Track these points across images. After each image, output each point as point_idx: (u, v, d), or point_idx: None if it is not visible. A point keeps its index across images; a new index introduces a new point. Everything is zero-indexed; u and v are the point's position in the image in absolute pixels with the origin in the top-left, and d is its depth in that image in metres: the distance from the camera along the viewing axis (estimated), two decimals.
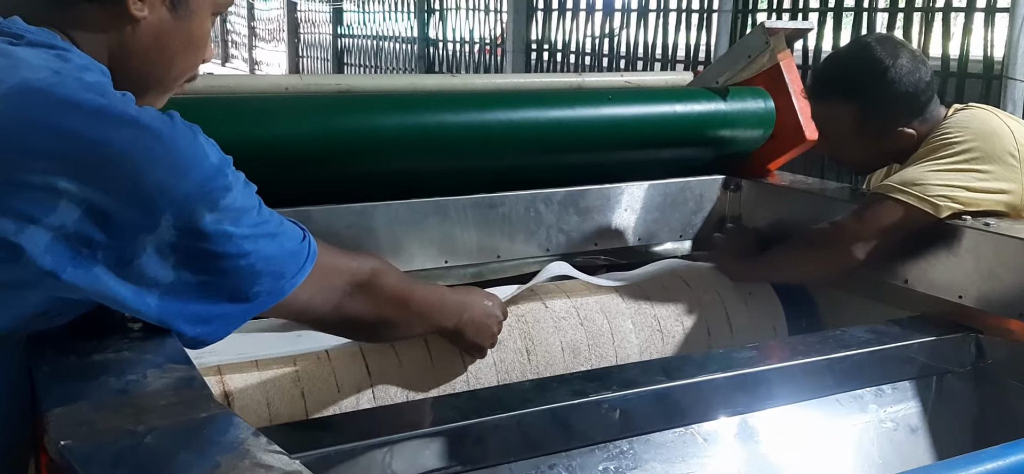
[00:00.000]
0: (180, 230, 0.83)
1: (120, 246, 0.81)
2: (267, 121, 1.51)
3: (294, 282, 0.93)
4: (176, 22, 0.94)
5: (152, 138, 0.82)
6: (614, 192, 1.81)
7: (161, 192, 0.81)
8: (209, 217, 0.84)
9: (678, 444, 1.17)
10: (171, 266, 0.84)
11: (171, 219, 0.82)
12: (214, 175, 0.85)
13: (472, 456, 1.06)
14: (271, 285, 0.91)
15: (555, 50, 4.96)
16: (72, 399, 0.74)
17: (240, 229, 0.87)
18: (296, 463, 0.63)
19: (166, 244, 0.83)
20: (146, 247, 0.82)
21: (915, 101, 1.56)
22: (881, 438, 1.31)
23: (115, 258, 0.81)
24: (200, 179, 0.83)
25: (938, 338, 1.38)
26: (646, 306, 1.57)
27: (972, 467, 0.95)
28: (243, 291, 0.89)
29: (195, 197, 0.83)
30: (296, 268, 0.94)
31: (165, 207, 0.81)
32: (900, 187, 1.45)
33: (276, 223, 0.93)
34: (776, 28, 1.86)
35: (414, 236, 1.63)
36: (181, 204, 0.82)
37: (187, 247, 0.84)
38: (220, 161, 0.86)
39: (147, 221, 0.81)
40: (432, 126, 1.63)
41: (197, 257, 0.85)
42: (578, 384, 1.16)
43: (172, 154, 0.82)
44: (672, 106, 1.84)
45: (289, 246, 0.94)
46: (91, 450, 0.67)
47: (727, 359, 1.26)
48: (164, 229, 0.82)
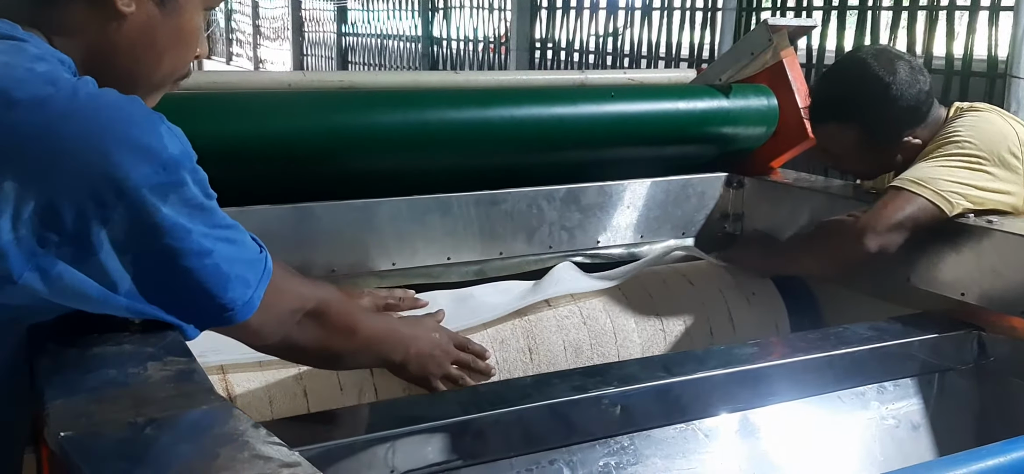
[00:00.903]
0: (133, 222, 0.78)
1: (77, 243, 0.77)
2: (270, 117, 1.51)
3: (258, 294, 0.89)
4: (164, 17, 0.92)
5: (101, 126, 0.78)
6: (616, 189, 1.81)
7: (110, 182, 0.77)
8: (165, 210, 0.80)
9: (679, 440, 1.17)
10: (129, 263, 0.80)
11: (123, 211, 0.77)
12: (170, 166, 0.80)
13: (473, 451, 1.07)
14: (239, 292, 0.87)
15: (559, 49, 4.96)
16: (72, 391, 0.75)
17: (198, 227, 0.83)
18: (295, 454, 0.63)
19: (118, 239, 0.78)
20: (103, 242, 0.78)
21: (917, 112, 1.57)
22: (883, 435, 1.31)
23: (73, 255, 0.78)
24: (153, 169, 0.79)
25: (940, 335, 1.38)
26: (649, 305, 1.57)
27: (973, 463, 0.95)
28: (215, 295, 0.85)
29: (148, 188, 0.78)
30: (257, 277, 0.89)
31: (116, 199, 0.77)
32: (914, 181, 1.45)
33: (235, 230, 0.89)
34: (779, 25, 1.86)
35: (417, 232, 1.63)
36: (133, 195, 0.78)
37: (143, 242, 0.79)
38: (181, 153, 0.82)
39: (98, 214, 0.77)
40: (434, 123, 1.63)
41: (154, 254, 0.81)
42: (578, 380, 1.16)
43: (123, 142, 0.78)
44: (675, 103, 1.84)
45: (249, 255, 0.90)
46: (91, 441, 0.67)
47: (728, 355, 1.26)
48: (117, 222, 0.77)
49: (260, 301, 0.89)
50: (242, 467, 0.62)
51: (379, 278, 1.62)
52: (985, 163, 1.47)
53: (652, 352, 1.53)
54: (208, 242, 0.83)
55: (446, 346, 1.25)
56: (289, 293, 0.99)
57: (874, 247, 1.43)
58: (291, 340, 1.01)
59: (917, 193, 1.44)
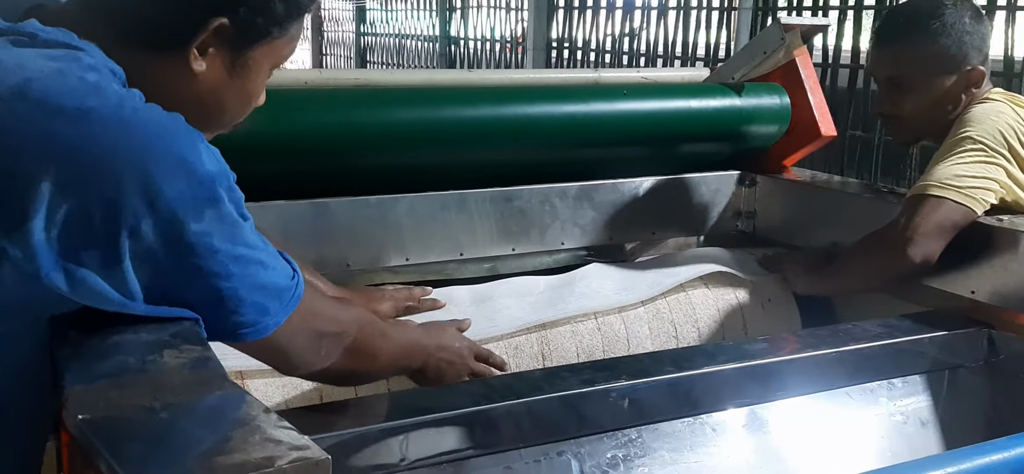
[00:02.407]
0: (162, 237, 0.79)
1: (105, 249, 0.78)
2: (287, 115, 1.53)
3: (277, 320, 0.89)
4: (233, 79, 0.94)
5: (141, 140, 0.79)
6: (629, 187, 1.82)
7: (144, 195, 0.78)
8: (194, 227, 0.80)
9: (686, 433, 1.18)
10: (148, 277, 0.80)
11: (151, 223, 0.78)
12: (205, 183, 0.81)
13: (483, 441, 1.08)
14: (254, 318, 0.87)
15: (575, 48, 4.97)
16: (91, 377, 0.77)
17: (227, 247, 0.83)
18: (304, 438, 0.65)
19: (145, 250, 0.79)
20: (128, 252, 0.78)
21: (983, 38, 1.60)
22: (891, 431, 1.31)
23: (99, 261, 0.78)
24: (187, 186, 0.80)
25: (950, 333, 1.38)
26: (664, 311, 1.57)
27: (978, 457, 0.95)
28: (224, 319, 0.85)
29: (180, 204, 0.79)
30: (281, 306, 0.89)
31: (146, 211, 0.78)
32: (937, 184, 1.44)
33: (268, 254, 0.89)
34: (792, 24, 1.86)
35: (431, 228, 1.65)
36: (164, 209, 0.79)
37: (168, 256, 0.80)
38: (217, 172, 0.83)
39: (128, 224, 0.78)
40: (449, 120, 1.65)
41: (178, 270, 0.81)
42: (588, 373, 1.17)
43: (160, 156, 0.79)
44: (688, 101, 1.85)
45: (278, 281, 0.90)
46: (109, 425, 0.69)
47: (737, 350, 1.27)
48: (145, 234, 0.78)
49: (277, 327, 0.89)
50: (253, 449, 0.64)
51: (393, 273, 1.64)
52: (997, 156, 1.47)
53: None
54: (234, 266, 0.84)
55: (466, 357, 1.26)
56: (320, 316, 1.00)
57: (919, 258, 1.42)
58: (320, 364, 1.01)
59: (944, 197, 1.43)
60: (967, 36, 1.59)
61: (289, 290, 0.91)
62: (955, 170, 1.46)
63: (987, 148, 1.47)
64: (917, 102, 1.61)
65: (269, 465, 0.62)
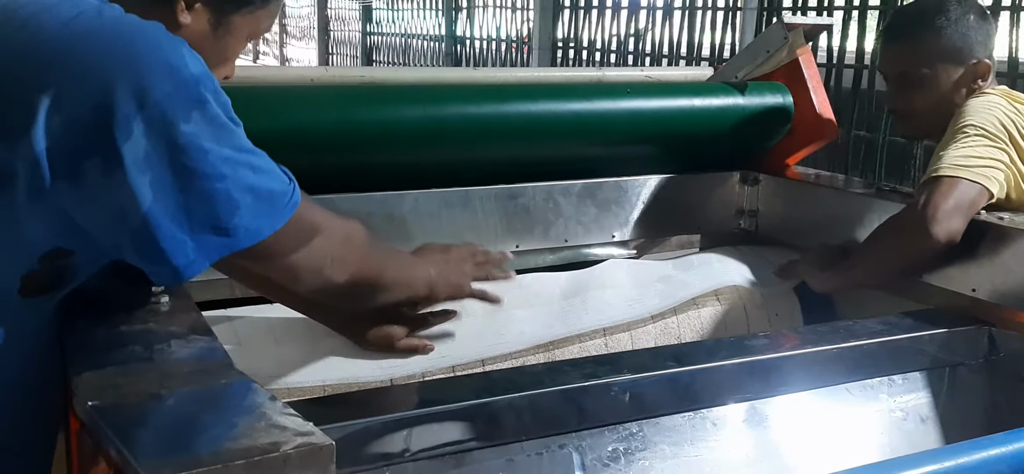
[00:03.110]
0: (154, 140, 0.80)
1: (103, 155, 0.80)
2: (293, 112, 1.55)
3: (274, 223, 0.90)
4: (214, 38, 0.98)
5: (124, 44, 0.81)
6: (632, 185, 1.83)
7: (132, 98, 0.79)
8: (184, 127, 0.81)
9: (687, 428, 1.19)
10: (148, 182, 0.81)
11: (143, 127, 0.80)
12: (191, 83, 0.83)
13: (485, 434, 1.09)
14: (249, 221, 0.87)
15: (581, 48, 4.98)
16: (100, 365, 0.79)
17: (217, 148, 0.84)
18: (309, 424, 0.67)
19: (142, 156, 0.80)
20: (125, 158, 0.80)
21: (987, 44, 1.64)
22: (891, 427, 1.32)
23: (99, 168, 0.80)
24: (174, 86, 0.81)
25: (950, 330, 1.39)
26: (673, 328, 1.56)
27: (975, 452, 0.96)
28: (222, 219, 0.85)
29: (168, 105, 0.81)
30: (277, 209, 0.90)
31: (136, 113, 0.79)
32: (950, 166, 1.45)
33: (261, 159, 0.90)
34: (795, 23, 1.87)
35: (435, 225, 1.66)
36: (153, 111, 0.80)
37: (162, 159, 0.81)
38: (201, 73, 0.84)
39: (122, 128, 0.79)
40: (453, 117, 1.66)
41: (172, 173, 0.82)
42: (590, 367, 1.18)
43: (145, 60, 0.81)
44: (690, 100, 1.86)
45: (272, 185, 0.91)
46: (117, 411, 0.71)
47: (738, 346, 1.28)
48: (138, 138, 0.80)
49: (274, 231, 0.90)
50: (259, 435, 0.66)
51: None
52: (998, 140, 1.50)
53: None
54: (225, 167, 0.85)
55: (458, 254, 1.29)
56: (318, 224, 1.00)
57: (944, 236, 1.41)
58: (323, 275, 1.02)
59: (958, 177, 1.44)
60: (972, 31, 1.63)
61: (285, 195, 0.92)
62: (963, 153, 1.48)
63: (988, 134, 1.50)
64: (926, 96, 1.65)
65: (274, 450, 0.63)
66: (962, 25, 1.62)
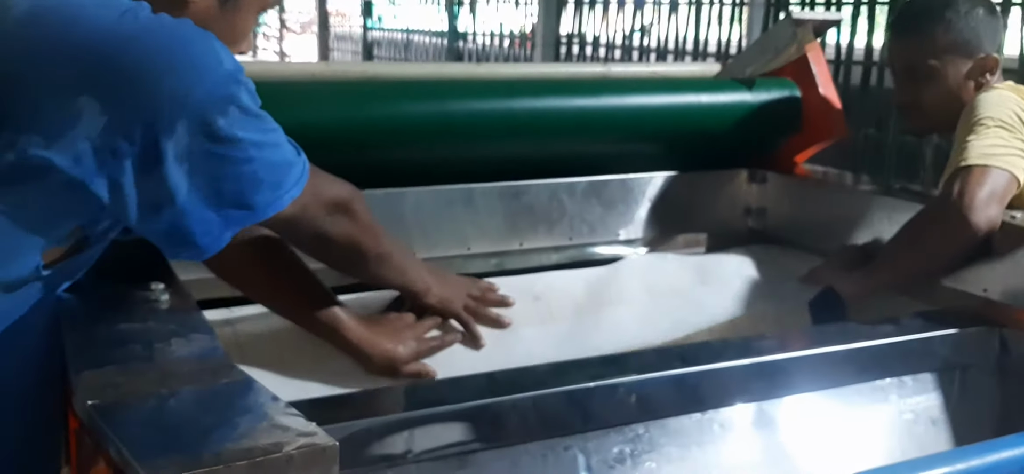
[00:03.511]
0: (195, 135, 0.85)
1: (145, 153, 0.84)
2: (294, 107, 1.53)
3: (291, 195, 0.97)
4: (222, 13, 0.99)
5: (164, 48, 0.85)
6: (637, 183, 1.81)
7: (175, 99, 0.84)
8: (222, 122, 0.87)
9: (694, 430, 1.17)
10: (185, 172, 0.86)
11: (186, 124, 0.84)
12: (227, 81, 0.87)
13: (489, 436, 1.08)
14: (270, 195, 0.94)
15: (585, 44, 4.96)
16: (100, 364, 0.77)
17: (248, 135, 0.90)
18: (311, 425, 0.66)
19: (183, 150, 0.85)
20: (167, 153, 0.84)
21: (996, 29, 1.66)
22: (900, 430, 1.30)
23: (140, 165, 0.84)
24: (213, 84, 0.86)
25: (961, 331, 1.37)
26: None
27: (987, 455, 0.95)
28: (246, 197, 0.92)
29: (208, 102, 0.86)
30: (293, 181, 0.97)
31: (179, 113, 0.84)
32: (976, 156, 1.44)
33: (278, 134, 0.97)
34: (803, 19, 1.85)
35: (438, 223, 1.64)
36: (195, 109, 0.85)
37: (201, 152, 0.86)
38: (233, 67, 0.89)
39: (165, 128, 0.84)
40: (456, 113, 1.65)
41: (209, 162, 0.87)
42: (595, 368, 1.17)
43: (185, 61, 0.85)
44: (697, 97, 1.84)
45: (288, 158, 0.97)
46: (117, 410, 0.69)
47: (746, 347, 1.26)
48: (180, 135, 0.84)
49: (287, 204, 0.96)
50: (261, 436, 0.64)
51: None
52: (1016, 131, 1.49)
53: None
54: (253, 150, 0.91)
55: (459, 279, 1.37)
56: (322, 187, 1.07)
57: (983, 224, 1.38)
58: (323, 230, 1.09)
59: (989, 165, 1.42)
60: (981, 25, 1.63)
61: (298, 165, 0.99)
62: (985, 143, 1.46)
63: (1006, 125, 1.49)
64: (933, 90, 1.65)
65: (277, 451, 0.62)
66: (971, 19, 1.63)
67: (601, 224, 1.79)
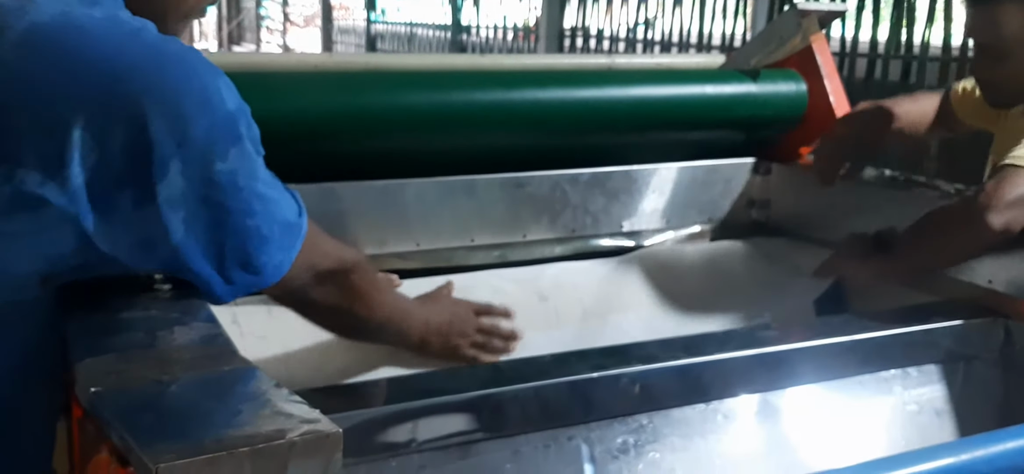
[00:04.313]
0: (190, 178, 0.79)
1: (137, 189, 0.78)
2: (296, 98, 1.53)
3: (291, 256, 0.90)
4: None
5: (163, 78, 0.78)
6: (641, 174, 1.80)
7: (170, 135, 0.77)
8: (220, 166, 0.80)
9: (697, 420, 1.17)
10: (181, 219, 0.80)
11: (180, 165, 0.78)
12: (228, 121, 0.81)
13: (491, 425, 1.08)
14: (278, 257, 0.88)
15: (589, 37, 4.95)
16: (101, 351, 0.77)
17: (250, 184, 0.84)
18: (315, 412, 0.65)
19: (177, 193, 0.79)
20: (158, 195, 0.79)
21: None
22: (904, 421, 1.30)
23: (132, 201, 0.78)
24: (212, 123, 0.79)
25: (966, 322, 1.36)
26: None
27: (990, 445, 0.94)
28: (252, 258, 0.86)
29: (206, 143, 0.79)
30: (292, 240, 0.91)
31: (173, 152, 0.78)
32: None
33: (279, 190, 0.90)
34: (808, 10, 1.84)
35: (440, 214, 1.64)
36: (191, 149, 0.78)
37: (196, 196, 0.80)
38: (237, 108, 0.82)
39: (159, 164, 0.78)
40: (459, 104, 1.64)
41: (207, 209, 0.81)
42: (598, 358, 1.17)
43: (185, 95, 0.78)
44: (701, 87, 1.84)
45: (289, 216, 0.91)
46: (119, 397, 0.69)
47: (749, 337, 1.26)
48: (173, 176, 0.78)
49: (290, 265, 0.90)
50: (264, 422, 0.64)
51: (402, 259, 1.63)
52: None
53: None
54: (256, 203, 0.84)
55: (466, 314, 1.27)
56: (321, 250, 1.00)
57: (999, 225, 1.34)
58: (307, 296, 1.02)
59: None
60: None
61: (299, 225, 0.92)
62: None
63: None
64: (1012, 68, 1.48)
65: (280, 437, 0.62)
66: None
67: (604, 215, 1.78)
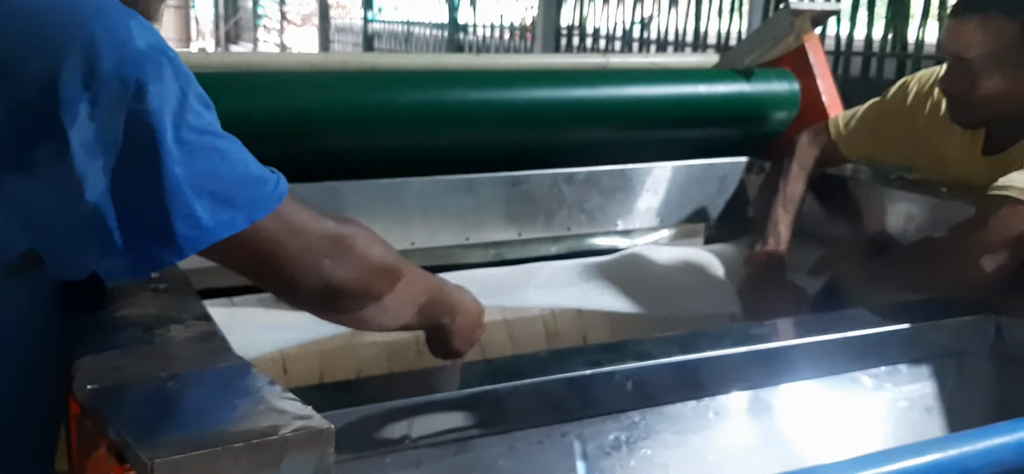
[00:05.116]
0: (101, 120, 0.72)
1: (50, 142, 0.72)
2: (293, 97, 1.54)
3: (251, 214, 0.79)
4: None
5: (66, 18, 0.73)
6: (636, 173, 1.82)
7: (77, 76, 0.71)
8: (134, 106, 0.73)
9: (690, 416, 1.18)
10: (99, 168, 0.73)
11: (89, 107, 0.72)
12: (140, 59, 0.73)
13: (486, 422, 1.08)
14: (210, 214, 0.76)
15: (585, 36, 4.96)
16: (99, 349, 0.78)
17: (173, 130, 0.74)
18: (308, 409, 0.66)
19: (91, 139, 0.72)
20: (71, 142, 0.72)
21: None
22: (896, 417, 1.31)
23: (47, 157, 0.72)
24: (121, 60, 0.72)
25: (957, 319, 1.37)
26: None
27: (981, 441, 0.96)
28: (178, 210, 0.75)
29: (116, 81, 0.72)
30: (254, 196, 0.79)
31: (80, 93, 0.71)
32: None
33: (230, 144, 0.80)
34: (802, 9, 1.86)
35: (438, 212, 1.65)
36: (100, 88, 0.72)
37: (113, 142, 0.73)
38: (151, 46, 0.75)
39: (67, 110, 0.71)
40: (456, 103, 1.66)
41: (125, 159, 0.73)
42: (593, 355, 1.17)
43: (88, 33, 0.72)
44: (696, 87, 1.85)
45: (246, 171, 0.80)
46: (117, 393, 0.70)
47: (742, 334, 1.27)
48: (83, 119, 0.72)
49: (251, 224, 0.79)
50: (258, 419, 0.65)
51: None
52: None
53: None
54: (179, 150, 0.74)
55: (480, 319, 1.23)
56: (313, 221, 0.88)
57: (992, 268, 1.34)
58: (325, 277, 0.89)
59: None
60: None
61: (267, 182, 0.81)
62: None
63: None
64: (986, 89, 1.45)
65: (273, 433, 0.63)
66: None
67: (600, 214, 1.79)
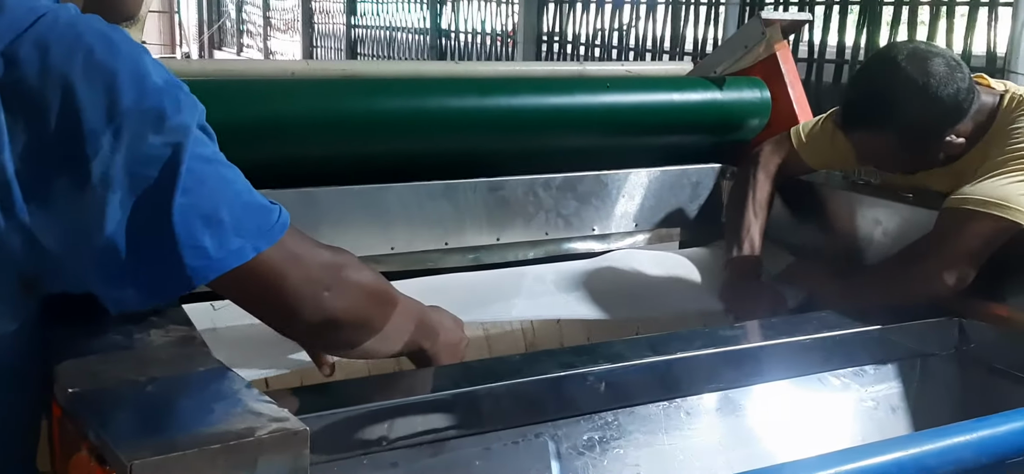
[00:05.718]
0: (120, 153, 0.75)
1: (70, 175, 0.75)
2: (274, 103, 1.55)
3: (257, 244, 0.82)
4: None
5: (86, 54, 0.76)
6: (612, 179, 1.84)
7: (98, 110, 0.74)
8: (153, 139, 0.76)
9: (661, 417, 1.21)
10: (118, 201, 0.76)
11: (111, 140, 0.75)
12: (157, 93, 0.77)
13: (461, 423, 1.10)
14: (235, 241, 0.80)
15: (566, 42, 5.00)
16: (80, 353, 0.80)
17: (188, 162, 0.78)
18: (284, 411, 0.68)
19: (110, 171, 0.75)
20: (92, 174, 0.75)
21: (957, 110, 1.45)
22: (863, 416, 1.34)
23: (67, 189, 0.75)
24: (140, 95, 0.76)
25: (922, 321, 1.41)
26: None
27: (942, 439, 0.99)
28: (187, 241, 0.78)
29: (135, 115, 0.76)
30: (259, 226, 0.83)
31: (103, 127, 0.74)
32: (991, 201, 1.36)
33: (236, 174, 0.84)
34: (772, 19, 1.90)
35: (415, 218, 1.67)
36: (120, 122, 0.75)
37: (130, 174, 0.76)
38: (165, 82, 0.79)
39: (89, 144, 0.74)
40: (434, 110, 1.68)
41: (142, 192, 0.76)
42: (566, 357, 1.20)
43: (108, 68, 0.76)
44: (669, 94, 1.88)
45: (251, 199, 0.84)
46: (97, 397, 0.72)
47: (712, 336, 1.30)
48: (105, 153, 0.74)
49: (257, 253, 0.82)
50: (235, 421, 0.67)
51: (378, 263, 1.66)
52: None
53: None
54: (189, 180, 0.78)
55: (462, 336, 1.24)
56: (314, 251, 0.93)
57: (953, 282, 1.38)
58: (323, 308, 0.93)
59: (997, 215, 1.35)
60: (933, 115, 1.45)
61: (270, 213, 0.85)
62: (1007, 191, 1.36)
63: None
64: (893, 169, 1.59)
65: (250, 435, 0.65)
66: (922, 113, 1.44)
67: (577, 218, 1.82)
